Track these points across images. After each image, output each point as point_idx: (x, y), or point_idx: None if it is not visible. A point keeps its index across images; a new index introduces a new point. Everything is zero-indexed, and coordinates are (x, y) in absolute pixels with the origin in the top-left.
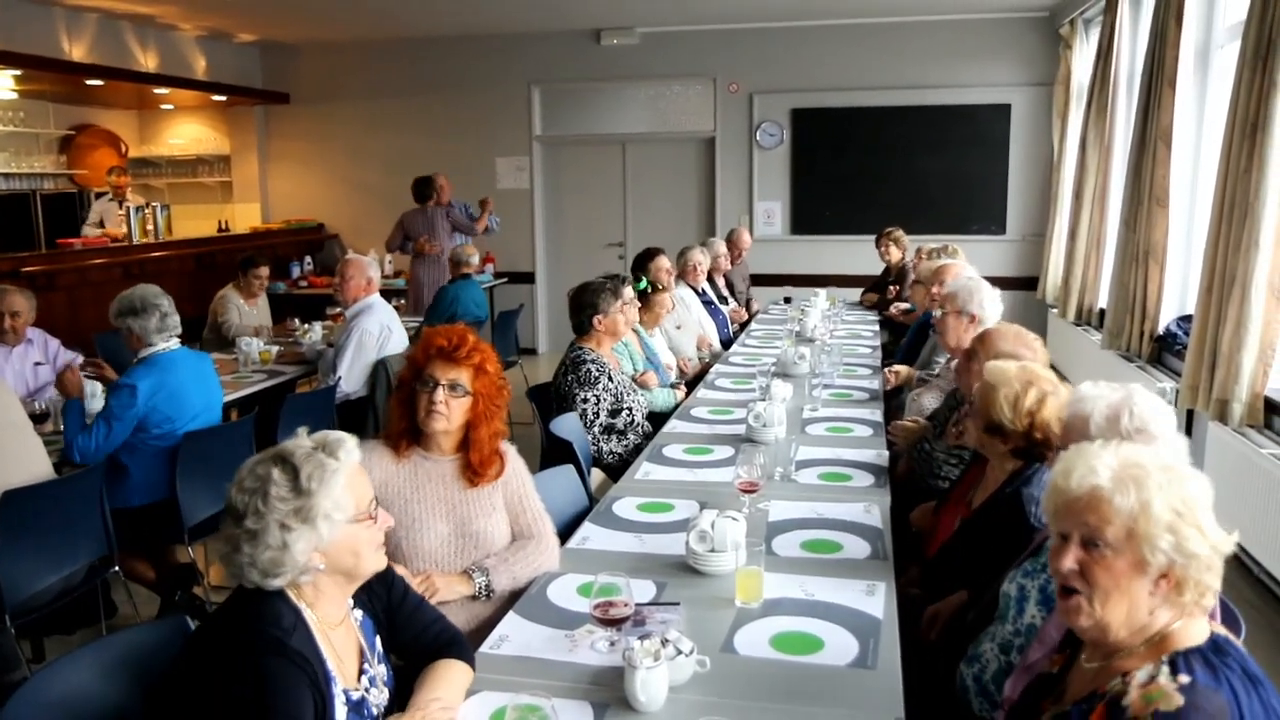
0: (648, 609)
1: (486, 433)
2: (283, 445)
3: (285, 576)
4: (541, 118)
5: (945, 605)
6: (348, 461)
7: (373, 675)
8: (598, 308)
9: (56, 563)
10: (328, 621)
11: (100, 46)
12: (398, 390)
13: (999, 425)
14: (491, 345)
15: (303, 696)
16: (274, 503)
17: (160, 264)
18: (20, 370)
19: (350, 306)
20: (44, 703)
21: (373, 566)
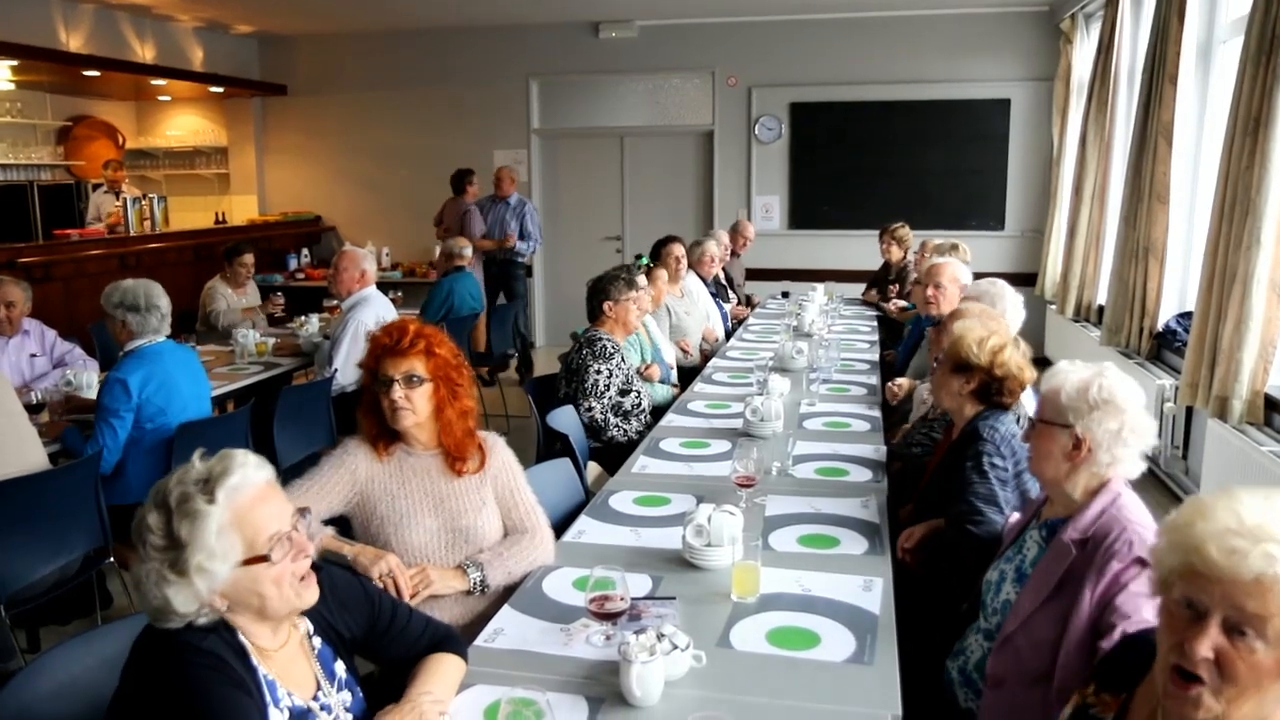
0: (644, 603)
1: (454, 413)
2: (168, 481)
3: (176, 622)
4: (540, 110)
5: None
6: (231, 500)
7: (327, 703)
8: (608, 294)
9: (51, 553)
10: (262, 649)
11: (97, 37)
12: (364, 398)
13: (965, 362)
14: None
15: (231, 694)
16: (151, 552)
17: (157, 256)
18: (16, 361)
19: (345, 299)
20: (37, 692)
21: (289, 605)
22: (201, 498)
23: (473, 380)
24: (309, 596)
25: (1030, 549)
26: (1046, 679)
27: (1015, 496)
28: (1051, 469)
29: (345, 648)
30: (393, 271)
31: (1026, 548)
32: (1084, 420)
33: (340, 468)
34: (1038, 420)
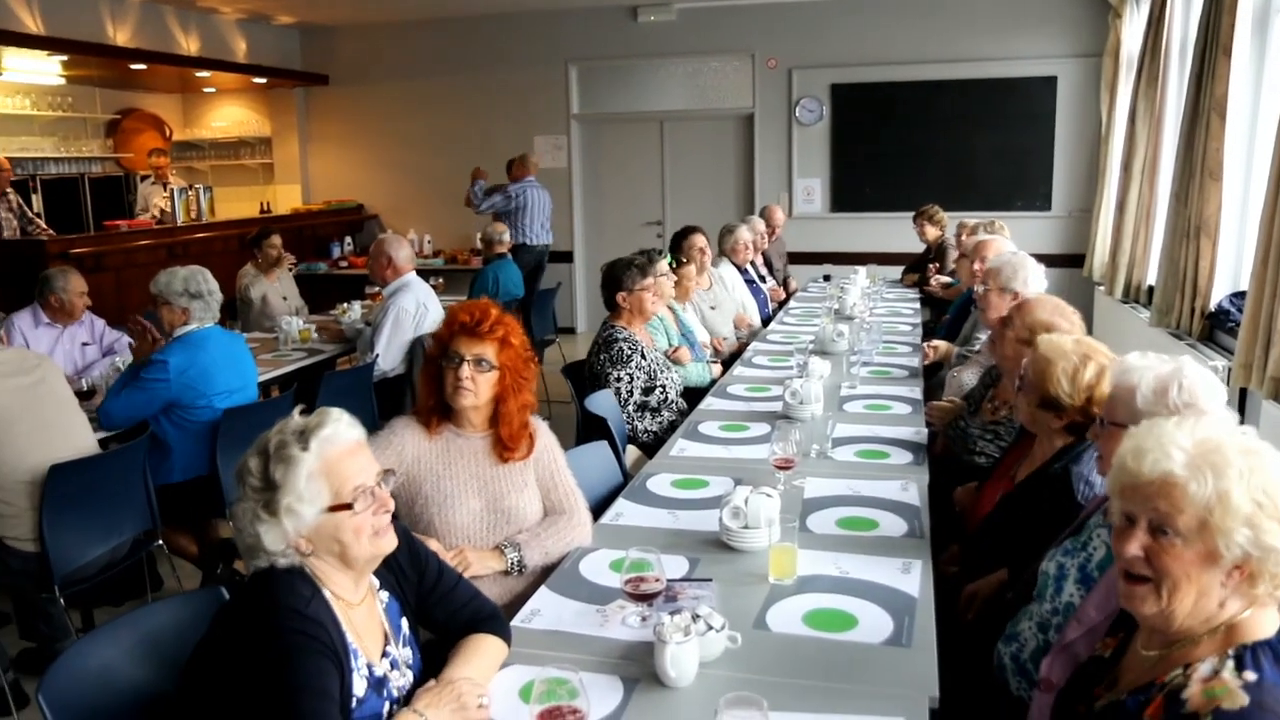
0: (680, 585)
1: (515, 405)
2: (267, 433)
3: (262, 560)
4: (579, 96)
5: (984, 584)
6: (322, 449)
7: (395, 658)
8: (621, 284)
9: (102, 535)
10: (344, 599)
11: (143, 31)
12: (426, 367)
13: (1055, 400)
14: (517, 320)
15: (322, 664)
16: (249, 492)
17: (204, 245)
18: (69, 350)
19: (384, 285)
20: (84, 670)
21: (369, 552)
22: (296, 445)
23: (536, 376)
24: (386, 544)
25: (1097, 549)
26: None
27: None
28: None
29: (408, 604)
30: (434, 258)
31: (1093, 546)
32: None
33: (387, 448)
34: (1108, 422)
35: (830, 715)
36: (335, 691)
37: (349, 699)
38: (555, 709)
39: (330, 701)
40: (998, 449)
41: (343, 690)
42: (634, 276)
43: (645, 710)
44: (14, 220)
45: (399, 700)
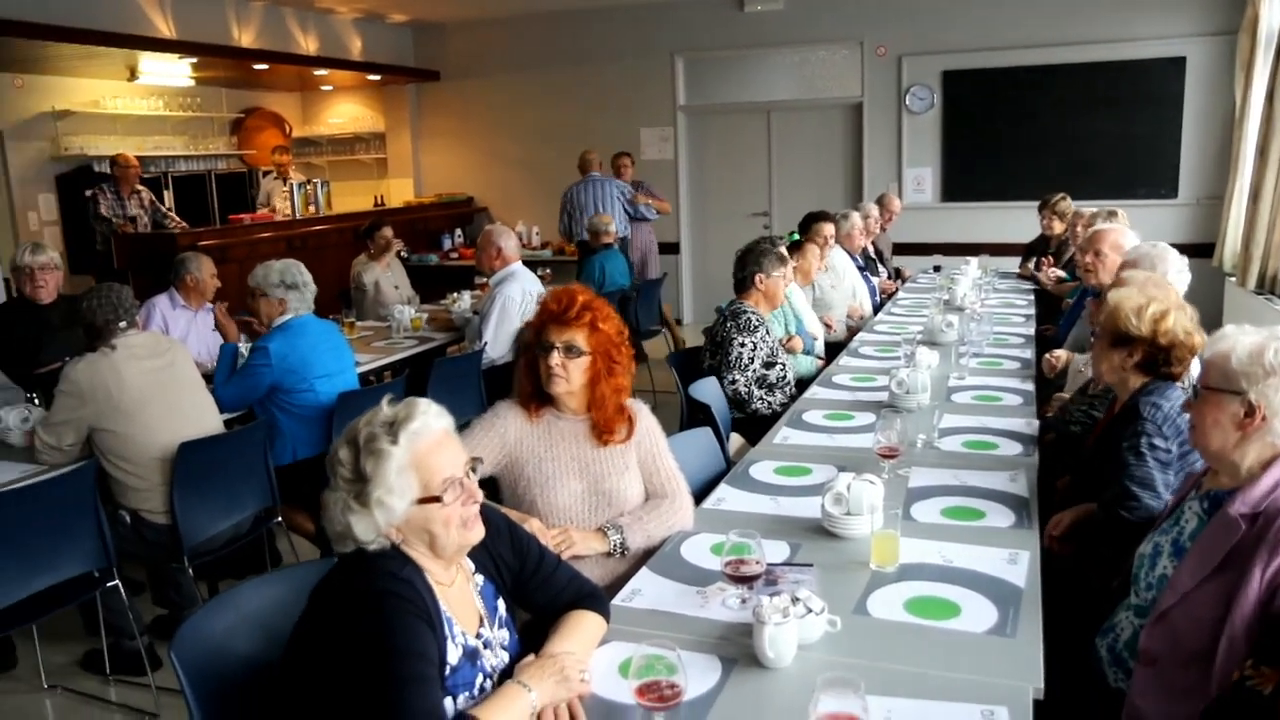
0: (780, 569)
1: (608, 389)
2: (359, 421)
3: (349, 547)
4: (685, 87)
5: (1072, 511)
6: (411, 443)
7: (488, 639)
8: (762, 267)
9: (226, 510)
10: (437, 579)
11: (266, 32)
12: (523, 355)
13: (1125, 334)
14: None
15: (420, 627)
16: (340, 483)
17: (320, 238)
18: (202, 333)
19: (492, 275)
20: (210, 633)
21: (458, 542)
22: (386, 439)
23: (631, 359)
24: (474, 535)
25: (1189, 521)
26: (1203, 659)
27: (1178, 479)
28: (1219, 439)
29: (505, 587)
30: (542, 250)
31: (1185, 520)
32: (1258, 386)
33: (490, 430)
34: (1202, 387)
35: (930, 702)
36: (433, 654)
37: (443, 665)
38: (654, 684)
39: (429, 663)
40: (1089, 416)
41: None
42: (774, 263)
43: (743, 689)
44: (145, 215)
45: (492, 677)
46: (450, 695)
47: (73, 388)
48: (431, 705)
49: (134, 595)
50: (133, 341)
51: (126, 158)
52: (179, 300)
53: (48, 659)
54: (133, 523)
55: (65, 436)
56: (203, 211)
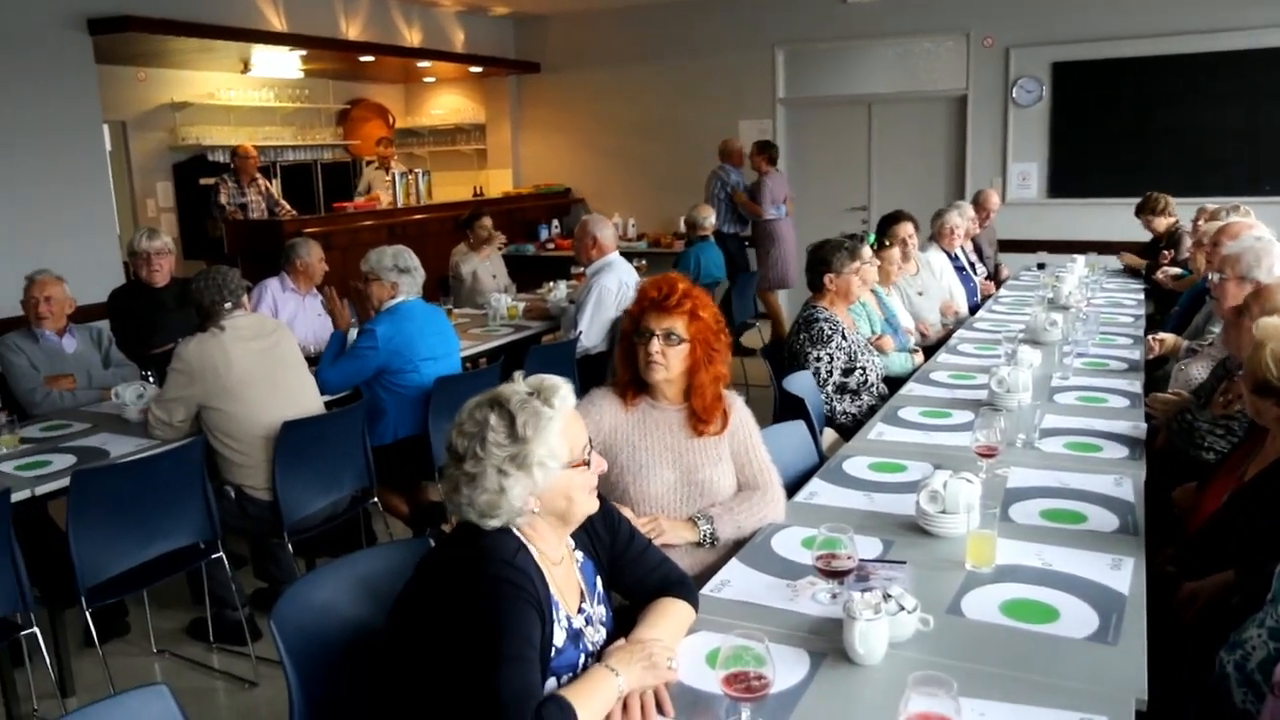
0: (872, 565)
1: (707, 377)
2: (499, 389)
3: (500, 519)
4: (785, 80)
5: (1206, 585)
6: (562, 409)
7: (590, 615)
8: (830, 265)
9: (325, 489)
10: (548, 557)
11: (372, 25)
12: (620, 343)
13: (1266, 384)
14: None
15: (528, 612)
16: (491, 448)
17: (420, 226)
18: (309, 316)
19: (588, 265)
20: (307, 604)
21: (585, 510)
22: (542, 403)
23: (729, 348)
24: (595, 503)
25: None
26: None
27: None
28: None
29: (602, 564)
30: (638, 242)
31: None
32: None
33: (586, 416)
34: None
35: (1025, 707)
36: (537, 640)
37: (549, 649)
38: (741, 674)
39: (532, 648)
40: (1228, 444)
41: (544, 640)
42: (843, 259)
43: (831, 684)
44: (262, 203)
45: (592, 654)
46: (555, 676)
47: (184, 366)
48: (526, 685)
49: (237, 568)
50: (239, 323)
51: (247, 149)
52: (289, 283)
53: (157, 625)
54: (237, 498)
55: (176, 413)
56: (308, 200)
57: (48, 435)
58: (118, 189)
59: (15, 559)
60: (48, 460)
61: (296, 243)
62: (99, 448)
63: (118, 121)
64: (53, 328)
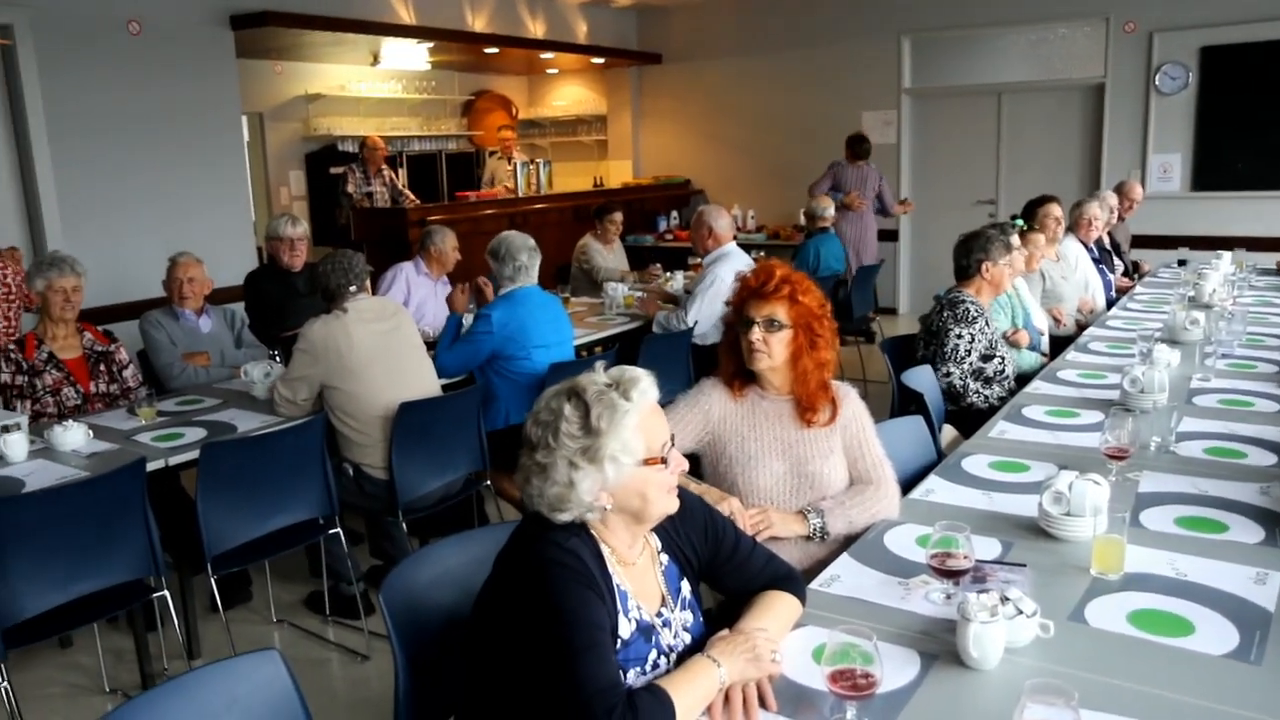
0: (990, 566)
1: (811, 364)
2: (578, 379)
3: (570, 513)
4: (911, 69)
5: None
6: (640, 402)
7: (669, 619)
8: (989, 254)
9: (439, 470)
10: (620, 556)
11: (497, 17)
12: (725, 334)
13: None
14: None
15: (589, 597)
16: (564, 439)
17: (541, 215)
18: (439, 301)
19: (705, 255)
20: (415, 580)
21: (662, 510)
22: (619, 396)
23: (835, 333)
24: (674, 503)
25: None
26: None
27: None
28: None
29: (691, 569)
30: (756, 234)
31: None
32: None
33: (695, 406)
34: None
35: None
36: (605, 623)
37: (615, 637)
38: (848, 671)
39: (603, 632)
40: None
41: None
42: (1000, 249)
43: (943, 687)
44: (387, 192)
45: (669, 655)
46: (621, 668)
47: (308, 346)
48: (607, 673)
49: (353, 545)
50: (362, 305)
51: (374, 140)
52: (423, 268)
53: (277, 595)
54: (355, 475)
55: (299, 391)
56: (432, 189)
57: (181, 409)
58: (253, 178)
59: (149, 524)
60: (181, 433)
61: (432, 230)
62: (228, 422)
63: (255, 113)
64: (192, 307)
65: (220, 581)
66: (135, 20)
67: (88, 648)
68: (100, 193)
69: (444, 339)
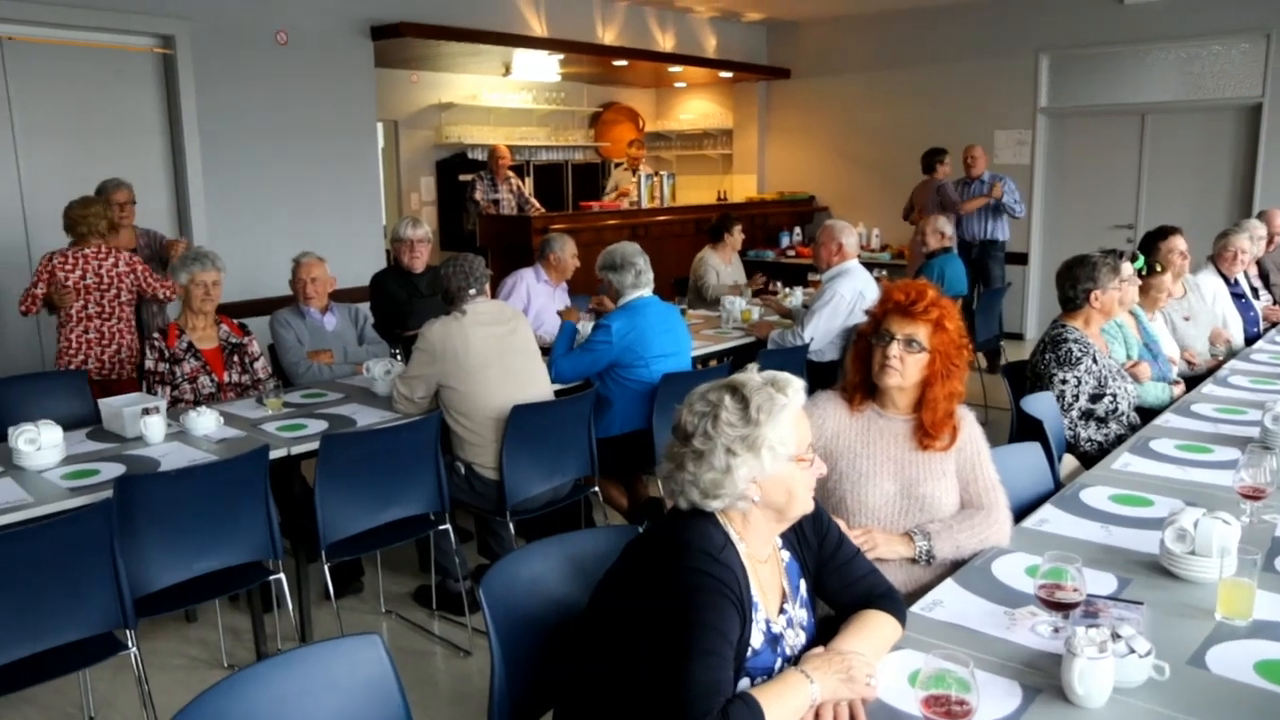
0: (1103, 601)
1: (942, 392)
2: (734, 376)
3: (723, 500)
4: (1049, 88)
5: None
6: (795, 400)
7: (791, 617)
8: (1097, 282)
9: (548, 473)
10: (755, 554)
11: (627, 30)
12: (856, 343)
13: None
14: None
15: (727, 608)
16: (723, 427)
17: (663, 228)
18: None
19: (826, 270)
20: (516, 577)
21: (802, 508)
22: (777, 391)
23: (969, 365)
24: (811, 503)
25: None
26: None
27: None
28: None
29: (807, 568)
30: (881, 253)
31: None
32: None
33: (809, 417)
34: None
35: None
36: (734, 636)
37: (745, 648)
38: (942, 697)
39: (727, 644)
40: None
41: (741, 639)
42: (1108, 274)
43: None
44: (513, 200)
45: (789, 658)
46: (748, 676)
47: (427, 345)
48: (716, 680)
49: (462, 543)
50: (480, 308)
51: (500, 149)
52: (543, 275)
53: (387, 587)
54: (466, 474)
55: (417, 389)
56: (557, 198)
57: (305, 402)
58: (386, 183)
59: (269, 509)
60: (304, 424)
61: (552, 238)
62: (348, 416)
63: (390, 121)
64: (317, 306)
65: (333, 569)
66: (283, 31)
67: (209, 624)
68: (243, 193)
69: (559, 345)
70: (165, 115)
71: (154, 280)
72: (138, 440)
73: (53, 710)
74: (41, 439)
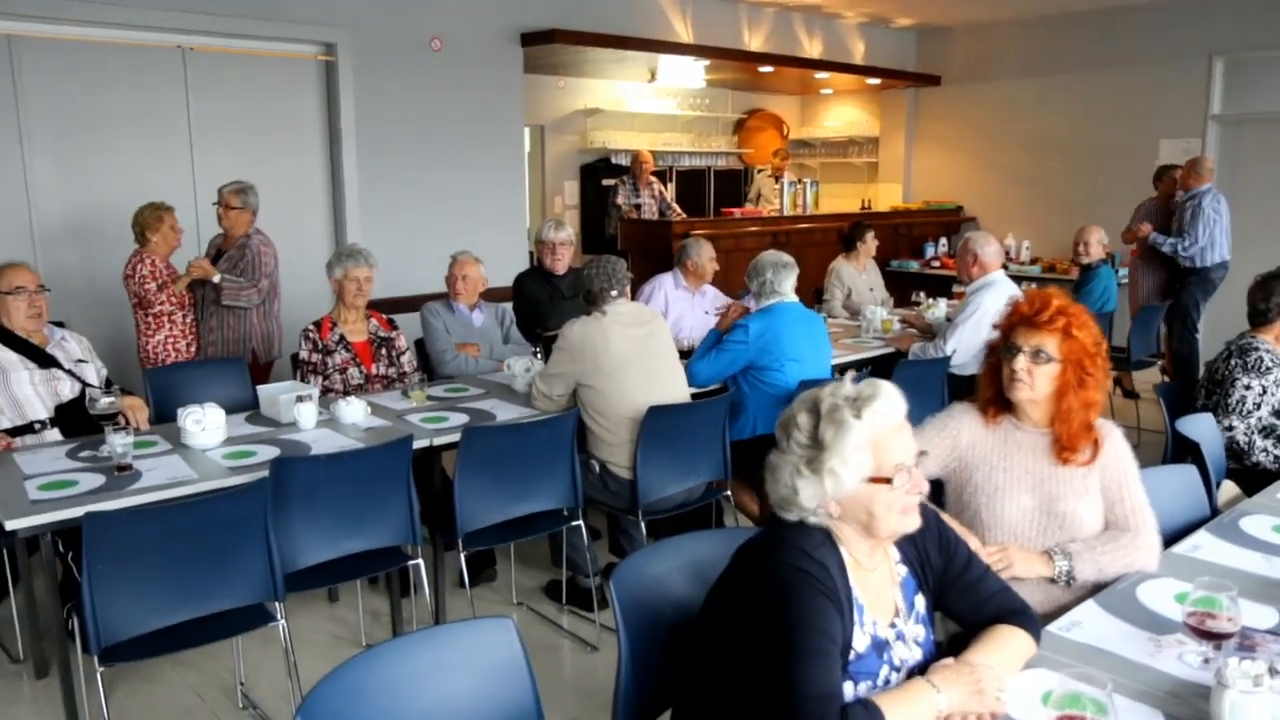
0: (1261, 635)
1: (1076, 402)
2: (823, 388)
3: (793, 514)
4: (1222, 93)
5: None
6: (872, 420)
7: (902, 631)
8: None
9: (681, 475)
10: (858, 562)
11: (774, 36)
12: (987, 357)
13: None
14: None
15: (824, 605)
16: (793, 445)
17: (804, 235)
18: (695, 313)
19: (969, 282)
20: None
21: (893, 528)
22: (849, 411)
23: (1107, 373)
24: (910, 524)
25: None
26: None
27: None
28: None
29: (926, 585)
30: (1031, 266)
31: None
32: None
33: (943, 430)
34: None
35: None
36: (837, 634)
37: (848, 649)
38: (1075, 718)
39: (832, 642)
40: None
41: (843, 640)
42: None
43: None
44: (655, 205)
45: (900, 670)
46: (851, 680)
47: (567, 345)
48: (827, 681)
49: (593, 540)
50: (620, 309)
51: (643, 154)
52: (681, 280)
53: (519, 580)
54: (600, 472)
55: (555, 387)
56: (699, 204)
57: (449, 395)
58: (531, 186)
59: (411, 496)
60: (445, 416)
61: (689, 243)
62: (489, 411)
63: (537, 125)
64: (466, 302)
65: (469, 558)
66: (438, 37)
67: (349, 605)
68: (395, 193)
69: (701, 348)
70: (325, 119)
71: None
72: (291, 425)
73: (207, 673)
74: (206, 420)
